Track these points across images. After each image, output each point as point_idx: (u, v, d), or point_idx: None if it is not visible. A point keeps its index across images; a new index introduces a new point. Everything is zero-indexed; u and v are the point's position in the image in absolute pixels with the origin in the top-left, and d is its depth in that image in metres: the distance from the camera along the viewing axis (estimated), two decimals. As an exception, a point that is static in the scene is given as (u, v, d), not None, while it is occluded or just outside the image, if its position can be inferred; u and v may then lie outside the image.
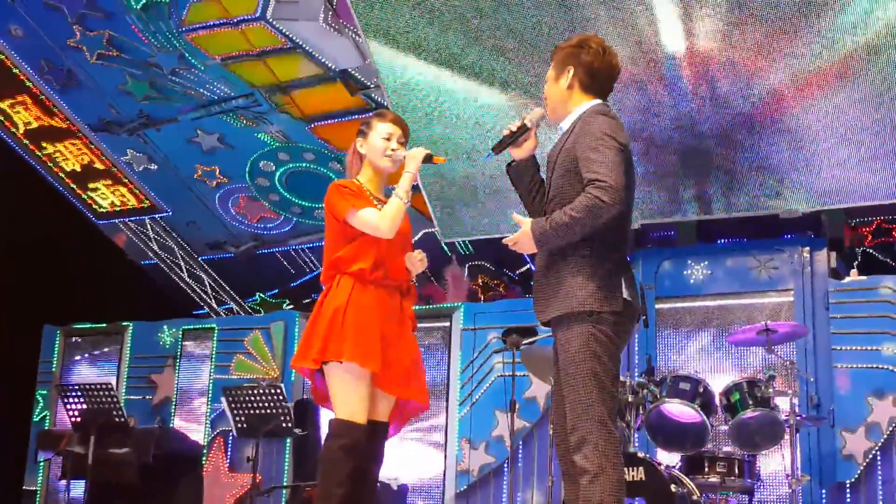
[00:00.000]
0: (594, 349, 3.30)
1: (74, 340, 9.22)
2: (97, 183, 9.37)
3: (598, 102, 3.54)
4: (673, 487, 5.19)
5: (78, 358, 9.17)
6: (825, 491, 6.36)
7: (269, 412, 6.33)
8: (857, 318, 6.46)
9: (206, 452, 8.04)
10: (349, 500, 3.79)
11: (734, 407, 5.72)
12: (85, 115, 8.87)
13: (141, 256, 9.95)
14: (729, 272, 7.08)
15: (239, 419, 6.43)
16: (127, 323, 9.03)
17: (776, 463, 6.19)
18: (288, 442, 7.73)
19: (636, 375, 6.02)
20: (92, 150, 9.09)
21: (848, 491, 6.23)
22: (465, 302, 8.07)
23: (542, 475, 6.94)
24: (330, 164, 8.70)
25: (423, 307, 7.46)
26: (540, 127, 3.66)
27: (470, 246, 8.86)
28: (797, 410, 5.61)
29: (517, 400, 6.16)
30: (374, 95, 8.01)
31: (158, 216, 9.64)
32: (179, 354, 8.67)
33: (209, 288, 9.92)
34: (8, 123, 8.95)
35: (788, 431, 5.55)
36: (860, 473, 6.21)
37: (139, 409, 8.53)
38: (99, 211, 9.59)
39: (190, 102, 8.55)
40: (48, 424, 8.87)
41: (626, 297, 3.36)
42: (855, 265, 7.24)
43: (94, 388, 6.72)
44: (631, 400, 5.67)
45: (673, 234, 7.62)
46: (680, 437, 5.75)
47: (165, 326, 8.83)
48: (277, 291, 9.93)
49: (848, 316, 6.50)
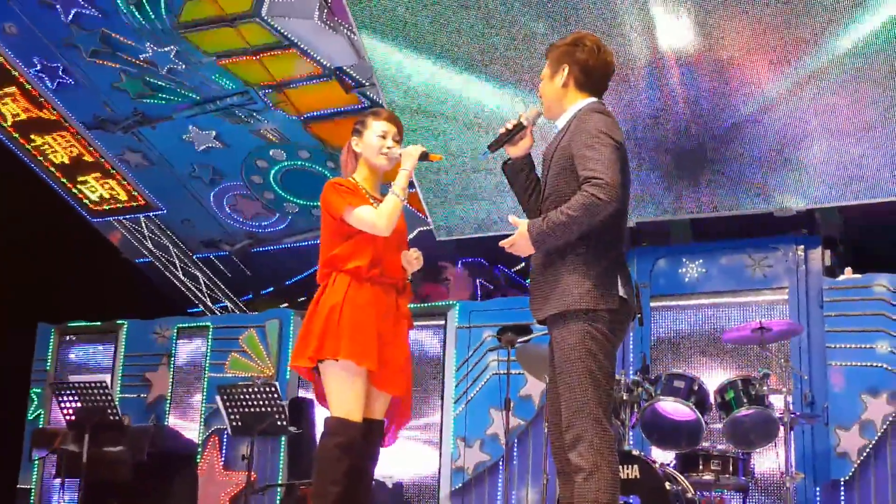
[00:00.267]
0: (590, 347, 3.30)
1: (69, 338, 9.20)
2: (86, 176, 9.34)
3: (593, 100, 3.54)
4: (667, 485, 5.19)
5: (72, 356, 9.16)
6: (819, 489, 6.37)
7: (263, 410, 6.32)
8: (851, 315, 6.47)
9: (200, 451, 8.03)
10: (344, 497, 3.79)
11: (729, 405, 5.72)
12: (79, 112, 8.85)
13: (135, 254, 9.94)
14: (723, 270, 7.09)
15: (234, 417, 6.42)
16: (121, 321, 9.02)
17: (770, 461, 6.19)
18: (283, 440, 7.73)
19: (631, 373, 6.01)
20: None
21: (842, 489, 6.23)
22: (460, 300, 8.07)
23: (536, 473, 6.94)
24: (326, 162, 8.69)
25: (417, 305, 7.45)
26: (536, 125, 3.66)
27: (467, 244, 8.85)
28: (791, 408, 5.61)
29: (512, 398, 6.14)
30: (369, 93, 8.01)
31: (153, 214, 9.63)
32: (174, 352, 8.66)
33: (204, 286, 9.90)
34: (-4, 115, 8.94)
35: (783, 429, 5.56)
36: (854, 471, 6.21)
37: (134, 407, 8.52)
38: (90, 206, 9.56)
39: (185, 100, 8.54)
40: (42, 423, 8.85)
41: (621, 294, 3.36)
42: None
43: (88, 386, 6.69)
44: (626, 398, 5.67)
45: (667, 232, 7.62)
46: (674, 435, 5.75)
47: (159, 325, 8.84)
48: (272, 289, 9.91)
49: (842, 314, 6.51)
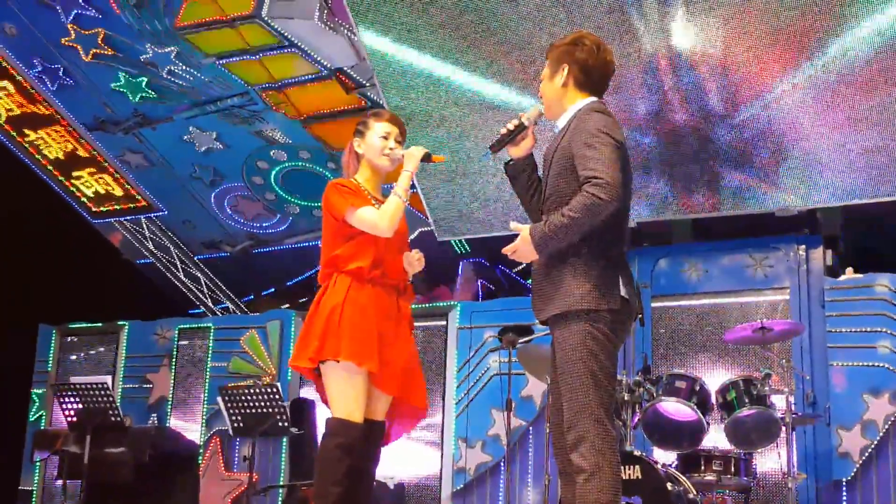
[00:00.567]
0: (591, 347, 3.29)
1: (70, 340, 9.20)
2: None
3: (593, 100, 3.54)
4: (669, 486, 5.19)
5: (74, 357, 9.15)
6: (821, 489, 6.36)
7: (265, 411, 6.32)
8: (853, 315, 6.46)
9: (202, 452, 8.03)
10: (346, 498, 3.79)
11: (730, 405, 5.71)
12: (80, 113, 8.85)
13: (136, 256, 9.94)
14: (725, 270, 7.08)
15: (235, 418, 6.42)
16: (123, 322, 9.02)
17: (772, 461, 6.19)
18: (284, 441, 7.73)
19: (632, 374, 6.01)
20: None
21: (844, 489, 6.23)
22: (461, 301, 8.07)
23: (538, 474, 6.93)
24: (327, 162, 8.69)
25: (419, 306, 7.45)
26: (537, 125, 3.66)
27: (466, 245, 8.86)
28: (793, 408, 5.60)
29: (513, 398, 6.14)
30: (369, 94, 8.00)
31: (154, 215, 9.63)
32: (175, 353, 8.66)
33: (205, 287, 9.90)
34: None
35: (784, 429, 5.55)
36: (856, 471, 6.20)
37: (135, 408, 8.52)
38: (91, 207, 9.56)
39: (185, 101, 8.54)
40: (44, 424, 8.85)
41: (623, 294, 3.36)
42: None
43: (89, 387, 6.68)
44: (627, 398, 5.67)
45: (669, 232, 7.62)
46: (676, 435, 5.74)
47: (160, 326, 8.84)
48: (273, 290, 9.91)
49: (844, 314, 6.50)
